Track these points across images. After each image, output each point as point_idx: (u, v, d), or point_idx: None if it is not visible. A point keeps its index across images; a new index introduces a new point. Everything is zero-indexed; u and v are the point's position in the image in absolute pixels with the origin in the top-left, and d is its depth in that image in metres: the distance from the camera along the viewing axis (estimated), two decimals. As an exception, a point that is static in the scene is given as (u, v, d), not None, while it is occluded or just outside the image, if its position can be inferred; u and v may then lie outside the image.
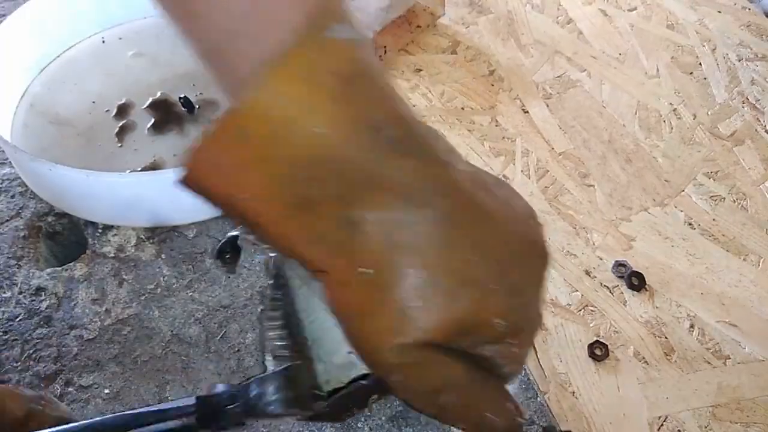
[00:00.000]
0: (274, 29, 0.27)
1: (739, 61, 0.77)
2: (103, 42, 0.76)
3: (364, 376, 0.39)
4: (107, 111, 0.70)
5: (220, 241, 0.42)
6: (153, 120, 0.69)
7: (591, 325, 0.56)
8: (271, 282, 0.38)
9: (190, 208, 0.59)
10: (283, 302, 0.38)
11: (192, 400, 0.31)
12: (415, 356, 0.29)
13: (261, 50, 0.26)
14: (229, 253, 0.41)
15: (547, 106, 0.72)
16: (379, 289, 0.28)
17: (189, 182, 0.28)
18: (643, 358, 0.54)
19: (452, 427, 0.48)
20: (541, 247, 0.31)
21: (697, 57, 0.77)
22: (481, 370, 0.31)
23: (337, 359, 0.41)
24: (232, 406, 0.31)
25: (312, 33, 0.26)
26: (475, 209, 0.29)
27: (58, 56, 0.75)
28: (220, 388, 0.33)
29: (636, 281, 0.58)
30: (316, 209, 0.27)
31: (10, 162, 0.65)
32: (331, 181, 0.27)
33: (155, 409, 0.31)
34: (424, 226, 0.28)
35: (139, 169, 0.64)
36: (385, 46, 0.76)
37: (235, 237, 0.40)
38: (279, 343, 0.36)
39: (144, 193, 0.57)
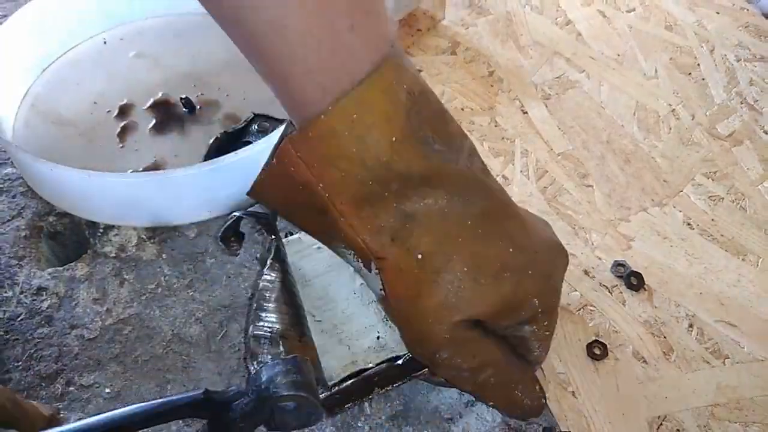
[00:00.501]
0: (357, 58, 0.31)
1: (738, 61, 0.77)
2: (105, 43, 0.77)
3: (394, 359, 0.40)
4: (108, 111, 0.70)
5: (222, 225, 0.43)
6: (154, 120, 0.69)
7: (590, 324, 0.56)
8: (270, 264, 0.39)
9: (191, 208, 0.60)
10: (278, 287, 0.39)
11: (199, 393, 0.32)
12: (463, 334, 0.33)
13: (345, 75, 0.31)
14: (233, 237, 0.42)
15: (546, 106, 0.73)
16: (432, 273, 0.32)
17: (277, 166, 0.32)
18: (642, 357, 0.54)
19: (452, 425, 0.48)
20: (562, 246, 0.37)
21: (696, 58, 0.78)
22: (515, 354, 0.36)
23: (365, 343, 0.42)
24: (240, 401, 0.32)
25: (391, 58, 0.31)
26: (508, 209, 0.34)
27: (60, 57, 0.75)
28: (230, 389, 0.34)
29: (635, 281, 0.58)
30: (378, 203, 0.32)
31: (11, 162, 0.65)
32: (394, 181, 0.31)
33: (162, 401, 0.31)
34: (469, 220, 0.32)
35: (141, 169, 0.64)
36: (385, 47, 0.77)
37: (239, 220, 0.41)
38: (271, 326, 0.37)
39: (145, 193, 0.57)
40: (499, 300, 0.33)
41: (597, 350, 0.54)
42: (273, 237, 0.41)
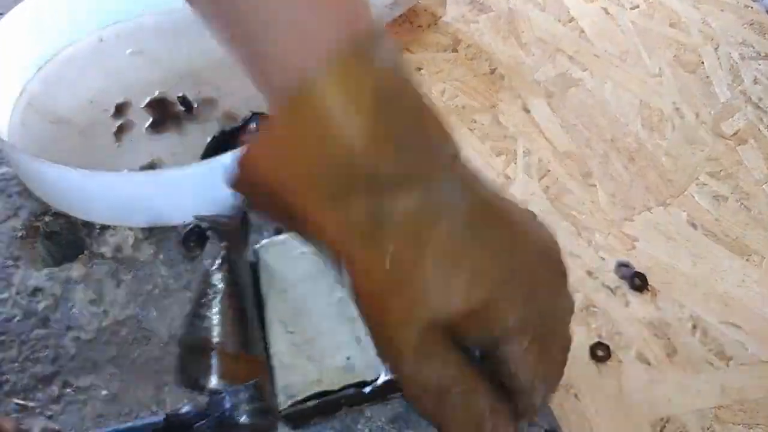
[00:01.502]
0: (319, 43, 0.29)
1: (742, 59, 0.76)
2: (101, 40, 0.76)
3: (361, 384, 0.39)
4: (105, 110, 0.69)
5: (185, 227, 0.42)
6: (151, 119, 0.68)
7: (593, 326, 0.55)
8: (217, 269, 0.38)
9: (188, 208, 0.59)
10: (223, 294, 0.38)
11: (160, 418, 0.31)
12: (430, 342, 0.31)
13: (310, 59, 0.29)
14: (193, 241, 0.41)
15: (549, 104, 0.72)
16: (402, 274, 0.31)
17: (243, 169, 0.31)
18: (646, 359, 0.54)
19: None
20: (560, 265, 0.34)
21: (700, 55, 0.77)
22: (493, 383, 0.33)
23: (334, 362, 0.41)
24: (201, 423, 0.31)
25: (361, 50, 0.29)
26: (493, 216, 0.32)
27: (56, 55, 0.74)
28: (187, 407, 0.33)
29: (638, 282, 0.57)
30: (348, 201, 0.31)
31: (7, 161, 0.64)
32: (361, 181, 0.30)
33: (124, 427, 0.31)
34: (445, 222, 0.31)
35: (137, 168, 0.63)
36: (385, 45, 0.76)
37: (199, 225, 0.40)
38: (206, 335, 0.35)
39: (142, 192, 0.57)
40: (465, 309, 0.31)
41: (600, 352, 0.53)
42: (222, 245, 0.40)
